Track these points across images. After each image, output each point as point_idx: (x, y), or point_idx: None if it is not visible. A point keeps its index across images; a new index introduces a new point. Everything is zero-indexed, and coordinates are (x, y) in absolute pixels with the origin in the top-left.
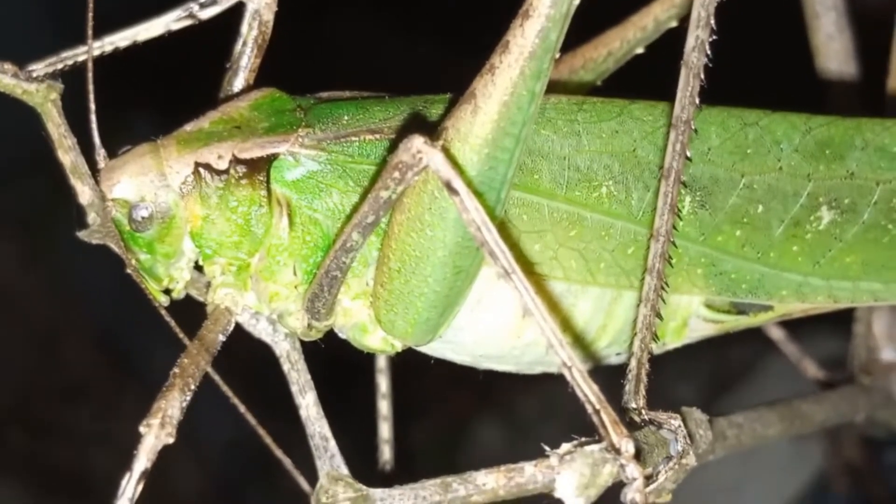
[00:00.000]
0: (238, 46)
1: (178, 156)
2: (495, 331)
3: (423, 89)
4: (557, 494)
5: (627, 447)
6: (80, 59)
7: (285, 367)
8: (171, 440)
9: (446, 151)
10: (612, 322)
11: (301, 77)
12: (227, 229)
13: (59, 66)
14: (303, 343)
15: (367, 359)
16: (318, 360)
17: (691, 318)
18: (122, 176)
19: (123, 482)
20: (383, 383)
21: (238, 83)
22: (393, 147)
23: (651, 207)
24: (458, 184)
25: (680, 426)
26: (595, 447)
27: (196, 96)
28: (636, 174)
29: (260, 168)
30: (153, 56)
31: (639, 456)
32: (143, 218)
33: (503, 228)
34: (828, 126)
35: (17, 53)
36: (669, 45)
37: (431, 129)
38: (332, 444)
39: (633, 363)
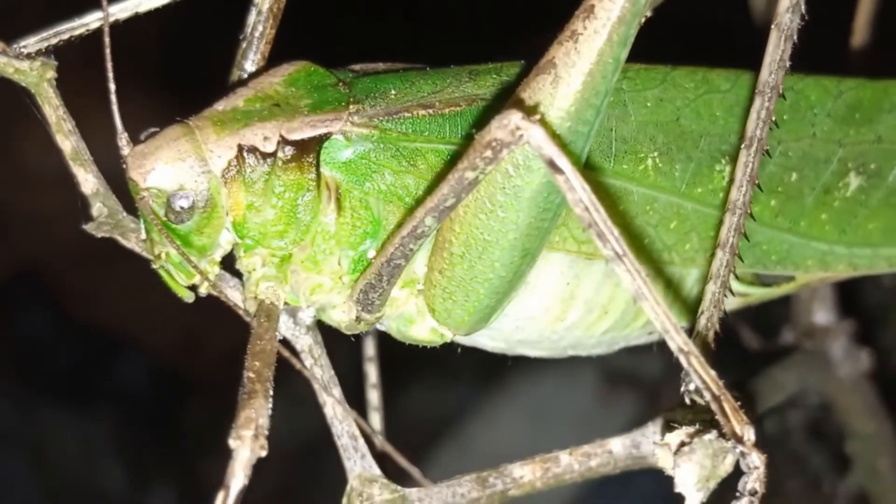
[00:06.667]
0: (252, 16)
1: (218, 138)
2: (539, 315)
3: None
4: (677, 489)
5: (749, 435)
6: (77, 32)
7: (307, 362)
8: (264, 453)
9: (546, 126)
10: None
11: (319, 47)
12: (273, 217)
13: (53, 41)
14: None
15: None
16: None
17: None
18: (157, 162)
19: (219, 501)
20: (372, 373)
21: (253, 56)
22: (449, 122)
23: (693, 179)
24: (563, 161)
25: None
26: (712, 436)
27: (184, 75)
28: (679, 144)
29: (309, 149)
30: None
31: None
32: (182, 208)
33: None
34: (857, 89)
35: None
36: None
37: (493, 103)
38: (362, 443)
39: (699, 343)
